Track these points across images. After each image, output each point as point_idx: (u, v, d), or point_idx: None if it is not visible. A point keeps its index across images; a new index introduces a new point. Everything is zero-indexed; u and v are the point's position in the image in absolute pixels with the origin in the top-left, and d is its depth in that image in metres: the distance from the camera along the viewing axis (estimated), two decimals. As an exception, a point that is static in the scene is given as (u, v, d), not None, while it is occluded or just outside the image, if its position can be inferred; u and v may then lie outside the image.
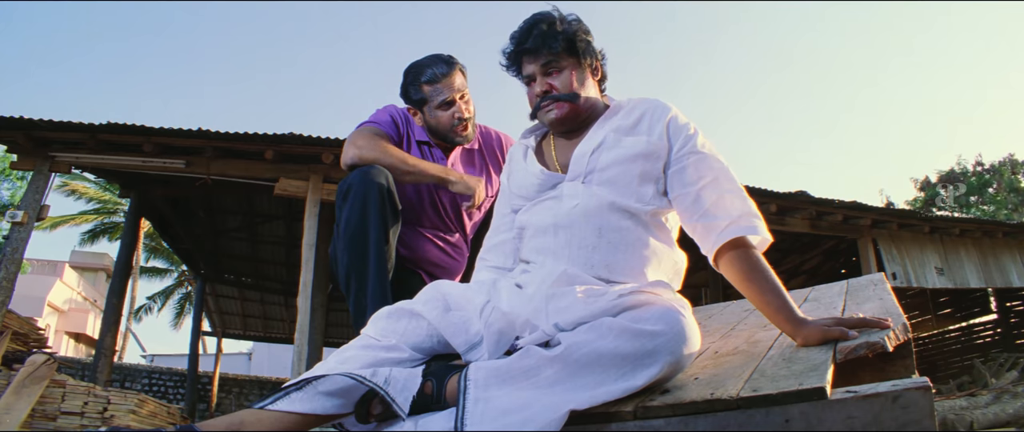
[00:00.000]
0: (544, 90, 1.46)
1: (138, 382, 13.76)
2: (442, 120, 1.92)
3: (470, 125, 1.96)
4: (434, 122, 1.93)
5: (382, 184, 1.71)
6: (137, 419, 4.63)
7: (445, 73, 1.89)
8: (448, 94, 1.90)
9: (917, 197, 21.84)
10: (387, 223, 1.71)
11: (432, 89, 1.89)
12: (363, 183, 1.70)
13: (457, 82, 1.91)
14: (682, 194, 1.39)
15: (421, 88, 1.90)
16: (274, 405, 1.12)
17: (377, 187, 1.70)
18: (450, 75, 1.90)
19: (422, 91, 1.90)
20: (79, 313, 23.99)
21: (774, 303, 1.24)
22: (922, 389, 0.88)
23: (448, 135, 1.94)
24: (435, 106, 1.91)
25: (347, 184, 1.73)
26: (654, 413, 1.02)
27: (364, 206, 1.68)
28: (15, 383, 4.26)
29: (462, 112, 1.92)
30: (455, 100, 1.91)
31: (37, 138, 5.77)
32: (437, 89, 1.89)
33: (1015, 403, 5.22)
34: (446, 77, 1.89)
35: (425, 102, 1.92)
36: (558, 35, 1.44)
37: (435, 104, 1.90)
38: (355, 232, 1.68)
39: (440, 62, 1.91)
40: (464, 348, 1.24)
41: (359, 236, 1.68)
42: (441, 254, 2.02)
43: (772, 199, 7.11)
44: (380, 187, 1.70)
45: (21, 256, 5.58)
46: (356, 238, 1.68)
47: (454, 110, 1.91)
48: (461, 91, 1.92)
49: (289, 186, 5.96)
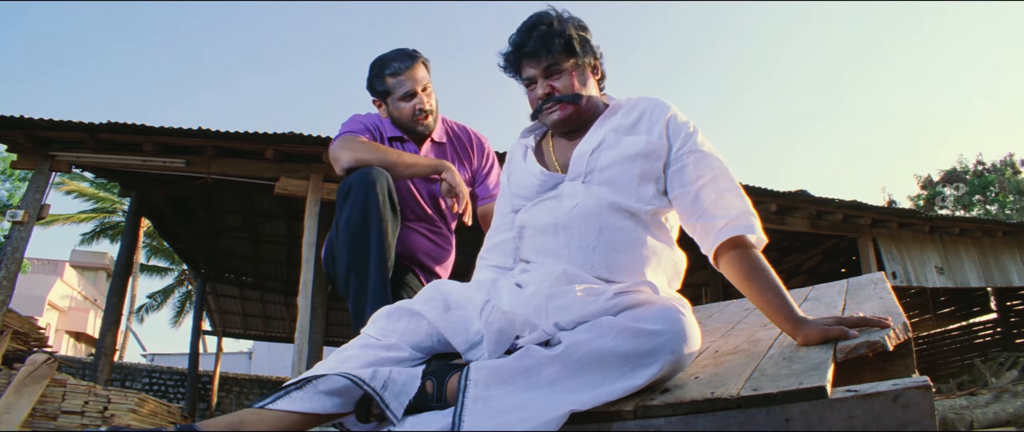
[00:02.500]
0: (546, 92, 1.45)
1: (138, 381, 13.77)
2: (404, 111, 2.00)
3: (431, 116, 2.04)
4: (397, 113, 2.02)
5: (383, 184, 1.75)
6: (137, 418, 4.63)
7: (408, 66, 1.98)
8: (410, 86, 1.98)
9: (919, 194, 21.87)
10: (388, 222, 1.74)
11: (395, 81, 1.98)
12: (364, 183, 1.73)
13: (419, 74, 2.00)
14: (681, 193, 1.39)
15: (385, 80, 1.99)
16: (274, 404, 1.12)
17: (378, 187, 1.73)
18: (412, 68, 1.99)
19: (386, 83, 1.99)
20: (79, 312, 24.01)
21: (774, 302, 1.24)
22: (922, 388, 0.88)
23: (410, 125, 2.03)
24: (398, 97, 1.99)
25: (348, 184, 1.76)
26: (654, 412, 1.02)
27: (366, 205, 1.71)
28: (16, 382, 4.26)
29: (423, 103, 2.00)
30: (417, 92, 1.99)
31: (37, 137, 5.77)
32: (400, 81, 1.98)
33: (1015, 402, 5.23)
34: (408, 70, 1.98)
35: (389, 93, 2.00)
36: (558, 36, 1.43)
37: (398, 96, 1.99)
38: (356, 231, 1.70)
39: (403, 55, 2.00)
40: (464, 347, 1.24)
41: (360, 235, 1.70)
42: (430, 245, 2.08)
43: (772, 198, 7.11)
44: (381, 187, 1.74)
45: (21, 255, 5.58)
46: (357, 237, 1.70)
47: (416, 101, 2.00)
48: (423, 83, 2.01)
49: (289, 185, 5.96)
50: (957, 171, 21.55)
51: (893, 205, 19.26)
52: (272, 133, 5.78)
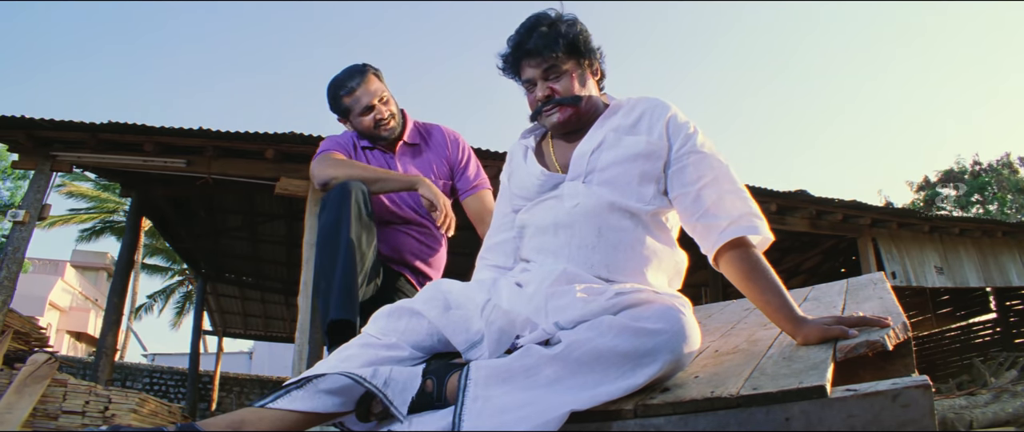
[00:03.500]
0: (546, 95, 1.45)
1: (139, 381, 13.77)
2: (365, 124, 2.12)
3: (393, 121, 2.15)
4: (360, 127, 2.14)
5: (356, 195, 1.83)
6: (138, 418, 4.63)
7: (358, 83, 2.10)
8: (367, 100, 2.10)
9: (915, 199, 21.87)
10: (359, 228, 1.80)
11: (351, 99, 2.10)
12: (339, 194, 1.81)
13: (372, 87, 2.11)
14: (682, 194, 1.39)
15: (342, 101, 2.12)
16: (275, 403, 1.13)
17: (352, 196, 1.81)
18: (364, 83, 2.11)
19: (343, 103, 2.12)
20: (80, 312, 23.99)
21: (774, 302, 1.24)
22: (922, 388, 0.88)
23: (373, 134, 2.15)
24: (357, 114, 2.12)
25: (326, 198, 1.86)
26: (654, 411, 1.02)
27: (338, 213, 1.78)
28: (17, 382, 4.27)
29: (381, 114, 2.12)
30: (374, 104, 2.11)
31: (38, 137, 5.77)
32: (355, 99, 2.10)
33: (1014, 402, 5.23)
34: (361, 86, 2.10)
35: (349, 111, 2.13)
36: (559, 37, 1.42)
37: (357, 112, 2.11)
38: (327, 236, 1.77)
39: (354, 73, 2.12)
40: (464, 347, 1.24)
41: (331, 239, 1.76)
42: (418, 245, 2.16)
43: (772, 198, 7.11)
44: (355, 197, 1.82)
45: (22, 255, 5.59)
46: (328, 241, 1.77)
47: (374, 114, 2.11)
48: (378, 95, 2.12)
49: (290, 185, 5.96)
50: (955, 172, 21.55)
51: (890, 207, 19.25)
52: (272, 133, 5.78)
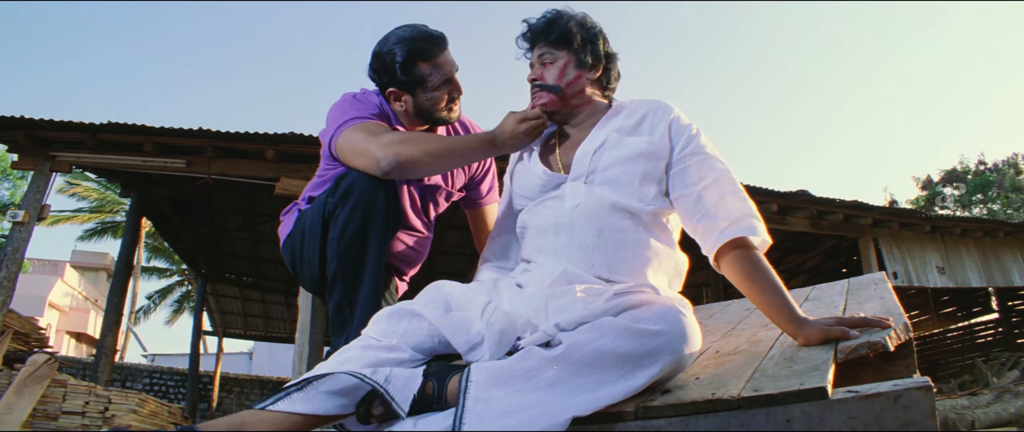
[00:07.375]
0: (534, 78, 1.54)
1: (139, 382, 13.78)
2: (438, 100, 1.71)
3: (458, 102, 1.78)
4: (425, 104, 1.71)
5: (389, 197, 1.56)
6: (138, 419, 4.63)
7: (443, 48, 1.70)
8: (450, 70, 1.70)
9: (919, 196, 21.87)
10: (387, 241, 1.59)
11: (430, 67, 1.67)
12: (368, 190, 1.53)
13: (452, 57, 1.74)
14: (683, 194, 1.39)
15: (417, 67, 1.66)
16: (275, 405, 1.12)
17: (384, 199, 1.54)
18: (447, 49, 1.71)
19: (418, 70, 1.67)
20: (80, 312, 24.01)
21: (775, 303, 1.24)
22: (923, 388, 0.88)
23: (437, 116, 1.74)
24: (434, 86, 1.69)
25: (349, 183, 1.54)
26: (655, 413, 1.02)
27: (367, 217, 1.53)
28: (16, 383, 4.26)
29: (460, 90, 1.75)
30: (454, 77, 1.72)
31: (38, 138, 5.77)
32: (436, 67, 1.68)
33: (1016, 402, 5.22)
34: (444, 52, 1.70)
35: (420, 83, 1.68)
36: (559, 28, 1.50)
37: (434, 84, 1.69)
38: (351, 242, 1.54)
39: (435, 38, 1.70)
40: (465, 348, 1.23)
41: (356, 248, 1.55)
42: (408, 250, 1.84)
43: (773, 198, 7.11)
44: (387, 200, 1.56)
45: (22, 255, 5.58)
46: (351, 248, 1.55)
47: (451, 89, 1.72)
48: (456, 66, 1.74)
49: (290, 185, 5.95)
50: (957, 171, 21.55)
51: (895, 205, 19.26)
52: (272, 133, 5.78)
